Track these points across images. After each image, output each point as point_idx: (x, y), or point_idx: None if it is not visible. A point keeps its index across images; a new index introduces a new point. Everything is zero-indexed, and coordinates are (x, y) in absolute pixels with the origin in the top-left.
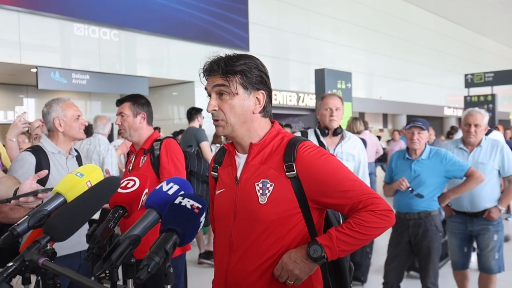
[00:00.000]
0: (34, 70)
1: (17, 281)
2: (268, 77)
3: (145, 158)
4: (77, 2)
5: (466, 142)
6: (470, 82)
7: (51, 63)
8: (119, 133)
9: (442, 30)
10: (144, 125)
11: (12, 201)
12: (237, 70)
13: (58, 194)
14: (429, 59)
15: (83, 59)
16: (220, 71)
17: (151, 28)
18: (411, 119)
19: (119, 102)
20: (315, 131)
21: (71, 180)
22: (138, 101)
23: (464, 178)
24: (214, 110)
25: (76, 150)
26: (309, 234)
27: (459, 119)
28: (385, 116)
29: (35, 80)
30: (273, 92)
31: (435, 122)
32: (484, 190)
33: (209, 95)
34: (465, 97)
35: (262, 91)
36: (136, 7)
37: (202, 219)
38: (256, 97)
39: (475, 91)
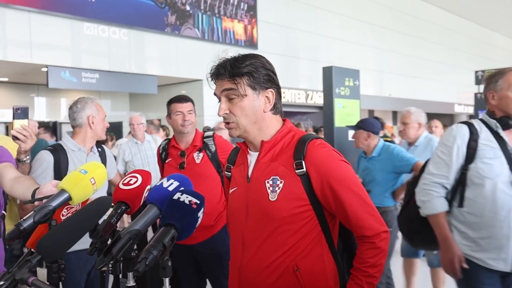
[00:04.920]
0: (45, 69)
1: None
2: (275, 74)
3: (202, 155)
4: (87, 2)
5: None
6: (480, 79)
7: (61, 62)
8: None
9: (451, 26)
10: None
11: (36, 203)
12: (243, 72)
13: (62, 191)
14: (439, 56)
15: (93, 58)
16: (227, 74)
17: (159, 27)
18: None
19: (185, 100)
20: (483, 122)
21: (75, 177)
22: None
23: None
24: (226, 113)
25: (100, 147)
26: (322, 231)
27: (470, 116)
28: (394, 113)
29: (46, 79)
30: (282, 90)
31: (446, 119)
32: None
33: (219, 99)
34: (476, 94)
35: (271, 90)
36: (145, 6)
37: (200, 214)
38: (266, 96)
39: None
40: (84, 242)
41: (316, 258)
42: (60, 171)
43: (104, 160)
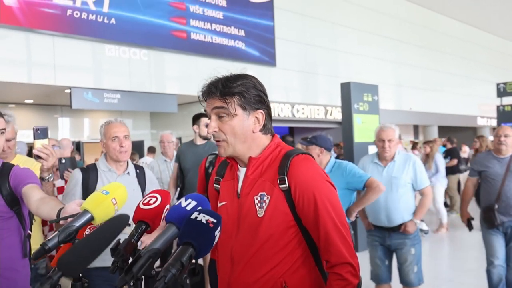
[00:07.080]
0: (68, 90)
1: None
2: (266, 96)
3: None
4: (108, 25)
5: (381, 157)
6: (502, 91)
7: (84, 83)
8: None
9: (470, 38)
10: None
11: (61, 222)
12: (235, 92)
13: (85, 211)
14: (459, 68)
15: (114, 78)
16: (218, 93)
17: (179, 46)
18: None
19: None
20: None
21: (97, 198)
22: None
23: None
24: (215, 131)
25: (139, 168)
26: (308, 247)
27: (493, 128)
28: (415, 127)
29: (69, 100)
30: (301, 106)
31: (468, 132)
32: (400, 204)
33: (209, 117)
34: (498, 106)
35: (261, 111)
36: (164, 27)
37: (217, 233)
38: (256, 117)
39: (509, 100)
40: (106, 260)
41: (304, 274)
42: (88, 188)
43: (142, 182)
